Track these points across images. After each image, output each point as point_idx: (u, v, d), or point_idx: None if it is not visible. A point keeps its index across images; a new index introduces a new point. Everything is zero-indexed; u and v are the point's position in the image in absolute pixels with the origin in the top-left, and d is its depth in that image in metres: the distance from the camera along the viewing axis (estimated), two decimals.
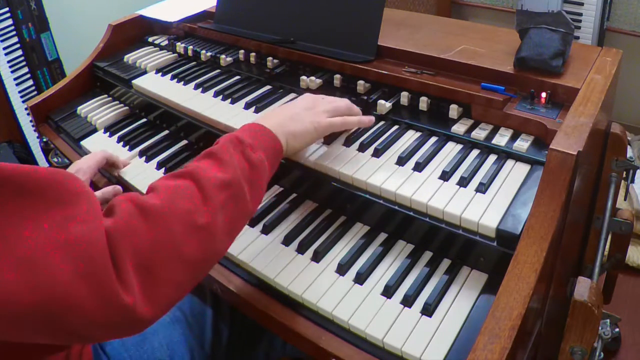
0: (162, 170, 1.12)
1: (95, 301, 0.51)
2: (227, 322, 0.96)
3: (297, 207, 0.95)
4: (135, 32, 1.56)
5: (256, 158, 0.73)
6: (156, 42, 1.51)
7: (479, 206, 0.78)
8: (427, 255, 0.83)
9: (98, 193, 1.03)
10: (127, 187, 1.11)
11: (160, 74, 1.33)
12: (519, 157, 0.87)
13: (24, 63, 2.47)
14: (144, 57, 1.42)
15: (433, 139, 0.95)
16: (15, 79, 2.43)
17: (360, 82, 1.08)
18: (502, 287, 0.65)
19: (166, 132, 1.26)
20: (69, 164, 1.28)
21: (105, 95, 1.45)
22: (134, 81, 1.31)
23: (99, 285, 0.51)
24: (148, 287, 0.55)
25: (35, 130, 2.47)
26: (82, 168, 1.05)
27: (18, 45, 2.43)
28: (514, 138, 0.90)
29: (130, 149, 1.21)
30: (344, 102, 0.93)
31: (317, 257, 0.83)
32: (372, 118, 0.96)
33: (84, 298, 0.50)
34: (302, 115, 0.86)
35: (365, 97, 1.04)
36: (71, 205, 0.53)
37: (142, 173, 1.12)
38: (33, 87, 2.51)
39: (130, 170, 1.14)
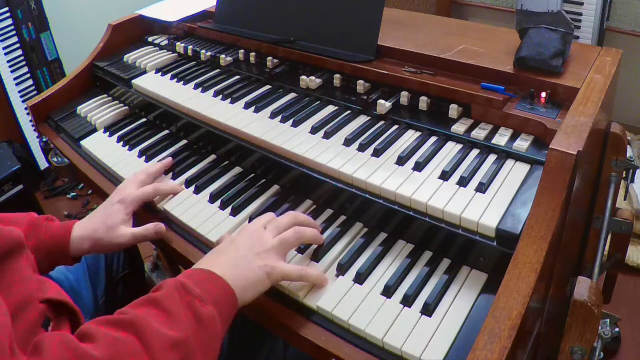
0: None
1: None
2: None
3: (297, 207, 0.95)
4: (135, 32, 1.56)
5: (207, 314, 0.63)
6: (156, 42, 1.51)
7: (479, 206, 0.78)
8: (427, 255, 0.83)
9: (140, 229, 0.93)
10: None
11: (160, 74, 1.33)
12: (519, 157, 0.87)
13: (24, 63, 2.47)
14: (144, 57, 1.42)
15: (433, 139, 0.95)
16: (15, 79, 2.44)
17: (360, 82, 1.08)
18: (502, 287, 0.65)
19: (166, 132, 1.26)
20: (69, 163, 1.28)
21: (105, 95, 1.44)
22: (134, 81, 1.31)
23: None
24: None
25: (35, 130, 2.47)
26: (126, 200, 0.95)
27: (18, 45, 2.44)
28: (514, 138, 0.90)
29: (130, 149, 1.21)
30: (292, 232, 0.79)
31: (317, 257, 0.83)
32: (321, 239, 0.84)
33: None
34: (250, 261, 0.73)
35: (365, 97, 1.04)
36: None
37: None
38: (33, 87, 2.51)
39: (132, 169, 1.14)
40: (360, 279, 0.79)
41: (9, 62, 2.41)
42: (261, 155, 1.01)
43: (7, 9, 2.36)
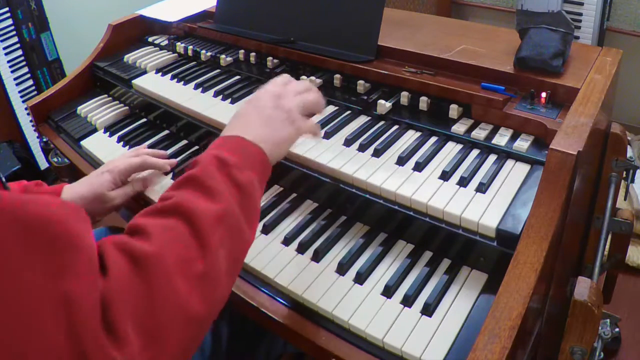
0: None
1: None
2: (227, 324, 0.96)
3: (297, 207, 0.95)
4: (135, 32, 1.56)
5: (245, 179, 0.65)
6: (156, 42, 1.51)
7: (479, 206, 0.78)
8: (427, 255, 0.83)
9: (128, 185, 0.99)
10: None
11: (160, 73, 1.33)
12: (519, 157, 0.87)
13: (24, 63, 2.47)
14: (144, 57, 1.42)
15: (433, 139, 0.95)
16: (15, 79, 2.43)
17: (360, 82, 1.08)
18: (502, 287, 0.65)
19: (166, 132, 1.26)
20: (69, 163, 1.28)
21: (105, 95, 1.44)
22: (134, 81, 1.31)
23: (85, 349, 0.45)
24: (151, 352, 0.49)
25: (35, 130, 2.47)
26: (113, 170, 0.98)
27: (18, 45, 2.43)
28: (514, 138, 0.90)
29: (130, 149, 1.21)
30: (312, 93, 0.82)
31: (317, 257, 0.83)
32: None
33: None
34: (278, 119, 0.75)
35: (365, 97, 1.04)
36: (71, 252, 0.47)
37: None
38: (33, 87, 2.51)
39: None
40: (360, 279, 0.79)
41: (9, 62, 2.40)
42: None
43: (7, 9, 2.36)
